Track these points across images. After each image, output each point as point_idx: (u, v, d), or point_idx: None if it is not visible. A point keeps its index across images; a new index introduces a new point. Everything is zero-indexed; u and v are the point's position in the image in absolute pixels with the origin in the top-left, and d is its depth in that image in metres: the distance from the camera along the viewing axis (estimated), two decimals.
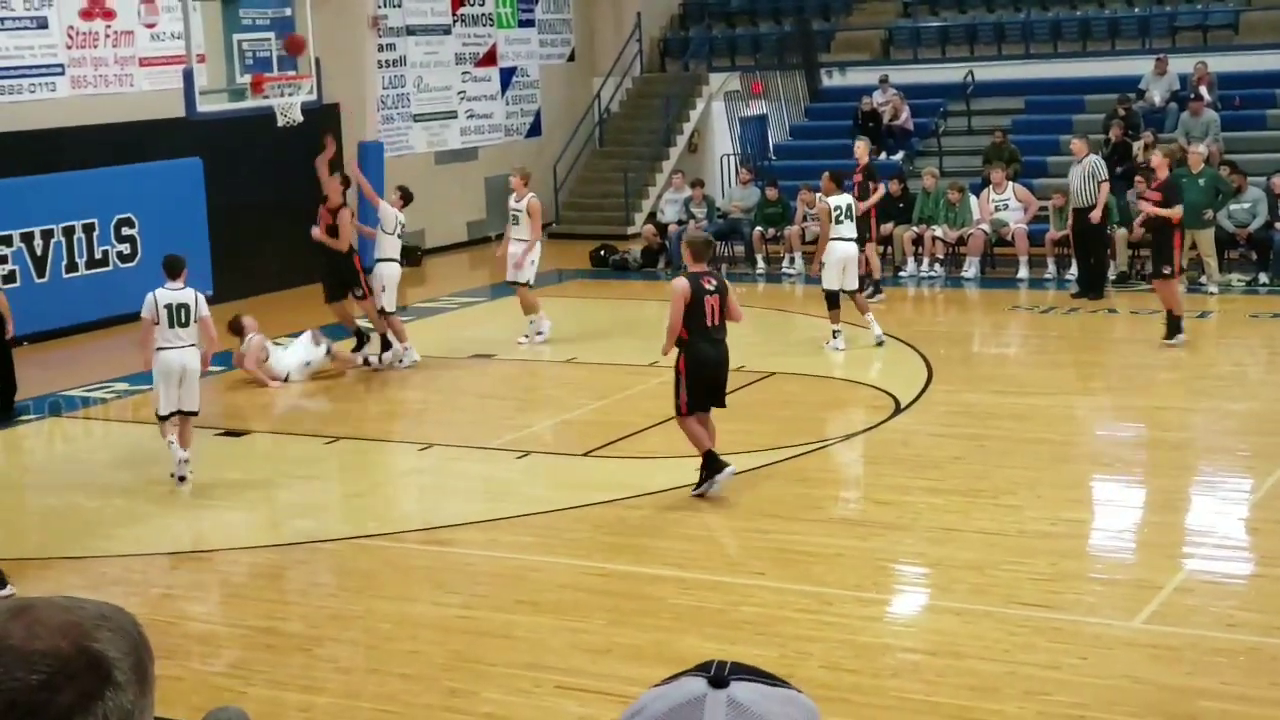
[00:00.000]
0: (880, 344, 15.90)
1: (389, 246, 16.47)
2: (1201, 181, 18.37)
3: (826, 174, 16.32)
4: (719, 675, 1.62)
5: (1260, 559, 9.60)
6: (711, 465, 10.83)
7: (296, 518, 11.22)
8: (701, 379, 10.84)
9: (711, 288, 10.80)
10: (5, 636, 1.63)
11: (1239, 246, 18.97)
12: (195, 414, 12.06)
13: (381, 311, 16.07)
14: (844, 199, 16.14)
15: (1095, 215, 17.99)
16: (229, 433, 13.71)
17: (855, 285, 16.23)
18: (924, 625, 8.76)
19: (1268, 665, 7.76)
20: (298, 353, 15.67)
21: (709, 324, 10.78)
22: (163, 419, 12.00)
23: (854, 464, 11.83)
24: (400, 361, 16.05)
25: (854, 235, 16.03)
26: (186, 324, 11.89)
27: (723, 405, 11.07)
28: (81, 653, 1.63)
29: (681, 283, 10.80)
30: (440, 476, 12.27)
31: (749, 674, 1.65)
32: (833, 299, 15.95)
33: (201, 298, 12.13)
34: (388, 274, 16.25)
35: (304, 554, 10.39)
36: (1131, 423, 13.08)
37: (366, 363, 16.08)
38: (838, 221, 15.89)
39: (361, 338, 16.39)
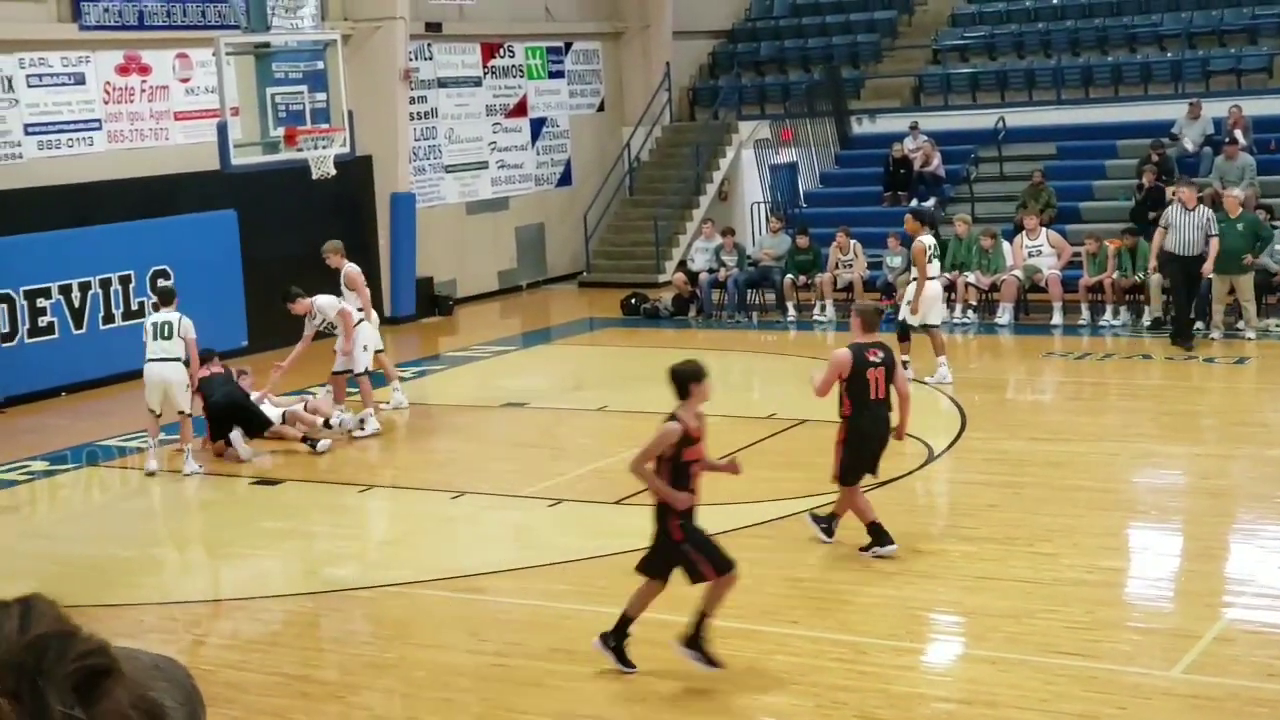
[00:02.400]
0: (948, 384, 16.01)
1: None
2: (1240, 226, 18.28)
3: (909, 215, 16.58)
4: None
5: None
6: (879, 537, 10.51)
7: (330, 566, 11.24)
8: (861, 455, 10.63)
9: (877, 360, 10.52)
10: None
11: (1277, 292, 18.85)
12: (186, 414, 13.86)
13: (353, 372, 15.50)
14: (931, 238, 16.30)
15: (1207, 269, 17.71)
16: (263, 482, 13.76)
17: (938, 321, 16.42)
18: (959, 674, 8.69)
19: None
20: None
21: (872, 397, 10.53)
22: (154, 414, 13.87)
23: (888, 512, 11.74)
24: (362, 426, 15.33)
25: (938, 274, 16.46)
26: (170, 337, 13.76)
27: (875, 474, 10.85)
28: (137, 702, 1.64)
29: (844, 354, 10.52)
30: (473, 524, 12.27)
31: None
32: (906, 331, 16.10)
33: (188, 322, 13.96)
34: (366, 333, 15.80)
35: (338, 602, 10.40)
36: (1169, 470, 12.98)
37: (328, 425, 15.42)
38: (929, 260, 16.05)
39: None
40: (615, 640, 8.64)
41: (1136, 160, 22.12)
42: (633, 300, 22.67)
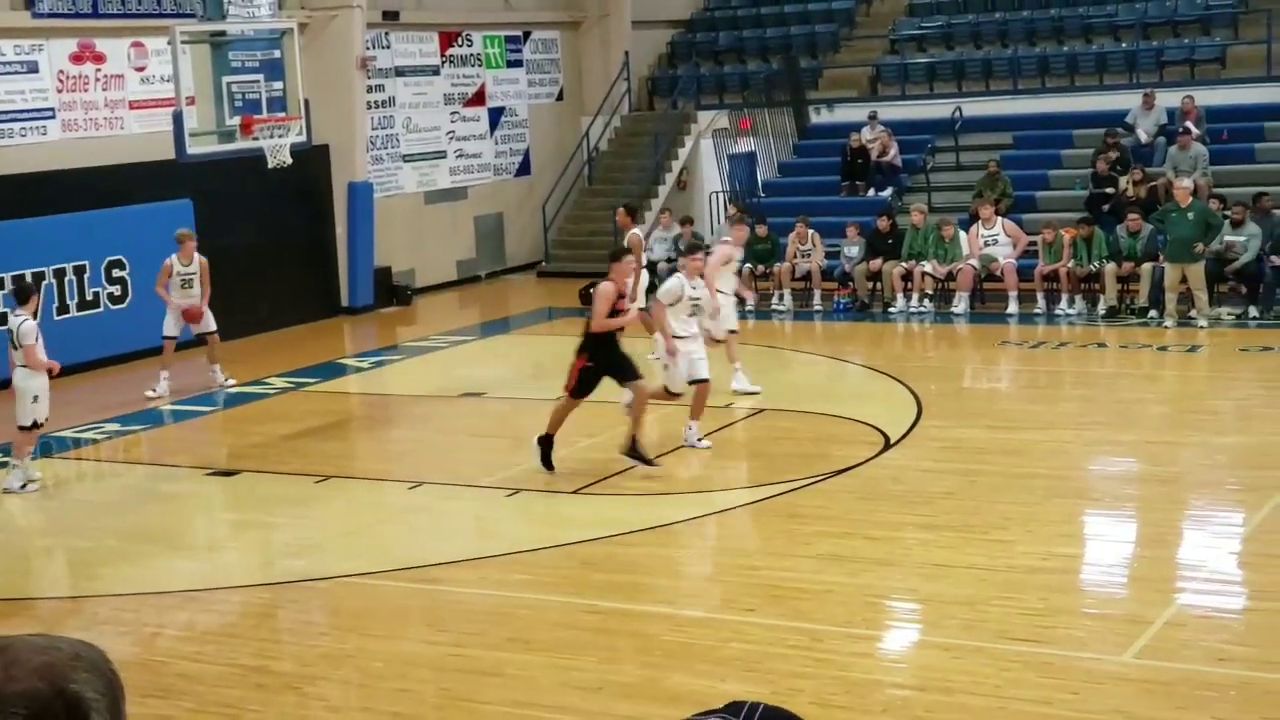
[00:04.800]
0: None
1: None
2: (1190, 215, 18.45)
3: (621, 209, 17.01)
4: (748, 715, 1.63)
5: (1251, 593, 9.60)
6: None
7: (288, 557, 11.20)
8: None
9: None
10: None
11: (1229, 280, 19.03)
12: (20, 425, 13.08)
13: None
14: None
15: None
16: (220, 472, 13.69)
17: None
18: (915, 661, 8.75)
19: (1259, 699, 7.75)
20: None
21: None
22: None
23: (844, 500, 11.82)
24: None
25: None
26: (18, 347, 13.04)
27: None
28: (59, 694, 1.64)
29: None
30: (431, 515, 12.26)
31: (777, 716, 1.65)
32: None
33: (27, 326, 13.10)
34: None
35: (295, 593, 10.37)
36: (1122, 457, 13.09)
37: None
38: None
39: None
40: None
41: (1092, 150, 22.27)
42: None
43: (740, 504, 11.74)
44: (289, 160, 17.05)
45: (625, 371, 12.85)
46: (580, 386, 12.85)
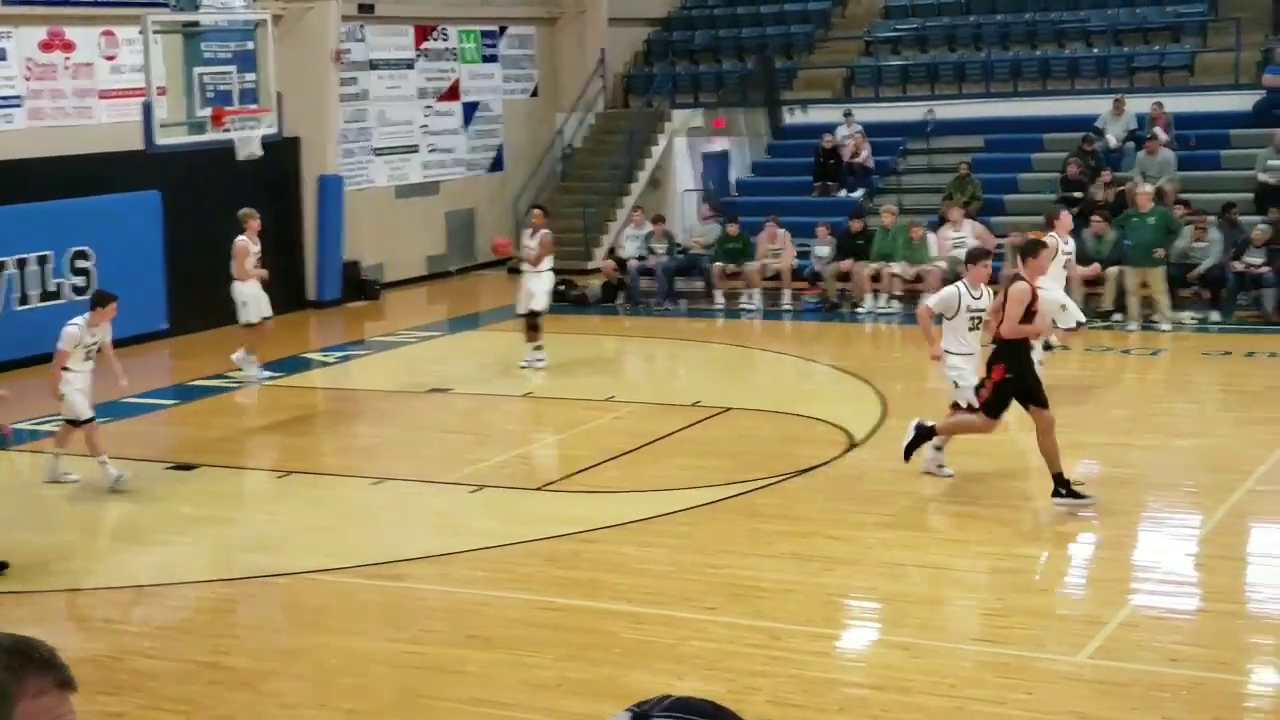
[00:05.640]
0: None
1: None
2: (1151, 220, 18.57)
3: (536, 208, 16.75)
4: (644, 711, 1.64)
5: (1205, 594, 9.67)
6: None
7: (248, 552, 11.16)
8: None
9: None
10: None
11: (1191, 285, 19.13)
12: None
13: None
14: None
15: None
16: (179, 466, 13.63)
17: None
18: (873, 660, 8.78)
19: (1210, 700, 7.80)
20: None
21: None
22: None
23: (807, 499, 11.84)
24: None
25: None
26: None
27: None
28: None
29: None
30: (393, 511, 12.23)
31: (684, 710, 1.65)
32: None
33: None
34: None
35: (255, 589, 10.34)
36: (1081, 459, 13.12)
37: None
38: None
39: None
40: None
41: (1063, 154, 22.36)
42: (561, 287, 22.57)
43: (703, 503, 11.74)
44: (259, 152, 17.00)
45: (1035, 394, 11.22)
46: (997, 402, 11.23)
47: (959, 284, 12.26)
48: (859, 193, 23.70)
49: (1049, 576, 10.17)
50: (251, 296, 16.87)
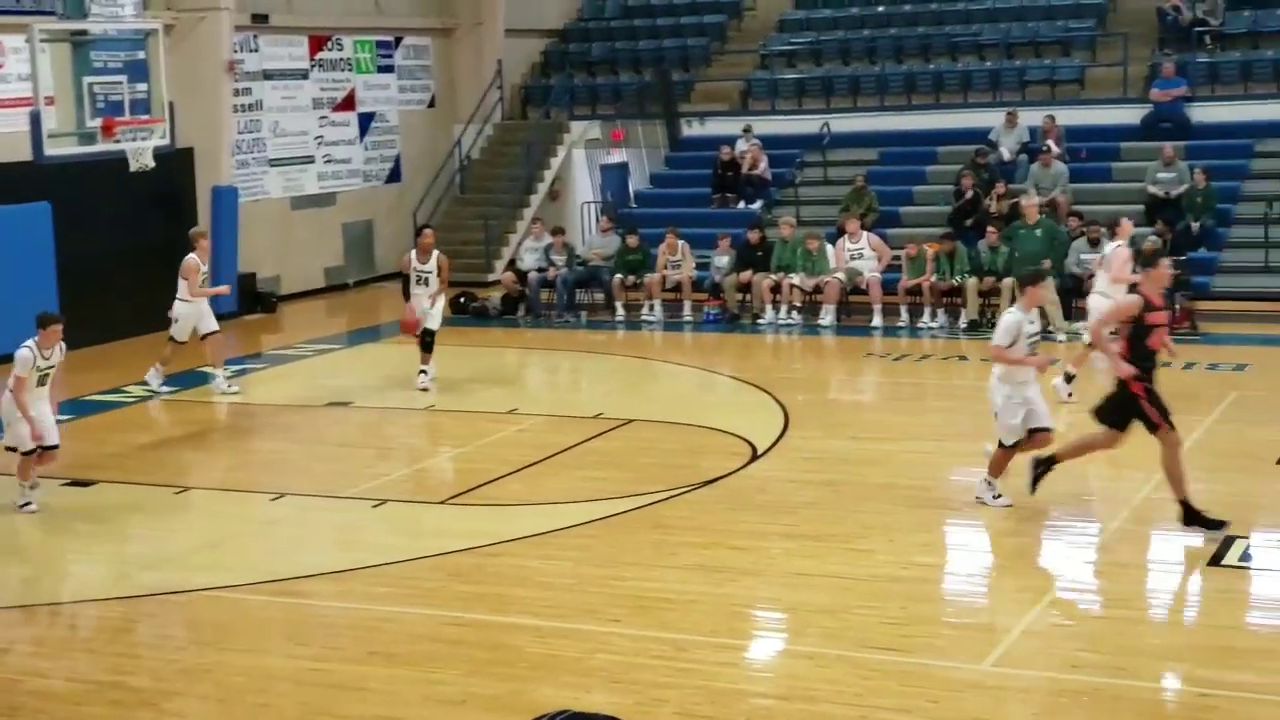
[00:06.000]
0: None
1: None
2: (1038, 232, 18.88)
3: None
4: None
5: (1104, 601, 9.83)
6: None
7: (146, 570, 10.96)
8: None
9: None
10: None
11: (1087, 295, 19.43)
12: None
13: None
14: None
15: None
16: (76, 482, 13.38)
17: None
18: (778, 670, 8.83)
19: (1109, 705, 7.93)
20: None
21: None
22: None
23: (711, 510, 11.89)
24: None
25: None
26: None
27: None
28: None
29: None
30: (294, 526, 12.09)
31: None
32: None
33: None
34: None
35: (154, 606, 10.17)
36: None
37: None
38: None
39: None
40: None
41: (957, 166, 22.68)
42: (461, 299, 22.56)
43: (607, 515, 11.74)
44: (152, 164, 16.78)
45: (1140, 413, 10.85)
46: (1161, 411, 10.71)
47: (1014, 310, 11.90)
48: (757, 204, 23.87)
49: (952, 585, 10.28)
50: (186, 314, 16.65)
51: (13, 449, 12.43)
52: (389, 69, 26.85)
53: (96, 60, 16.44)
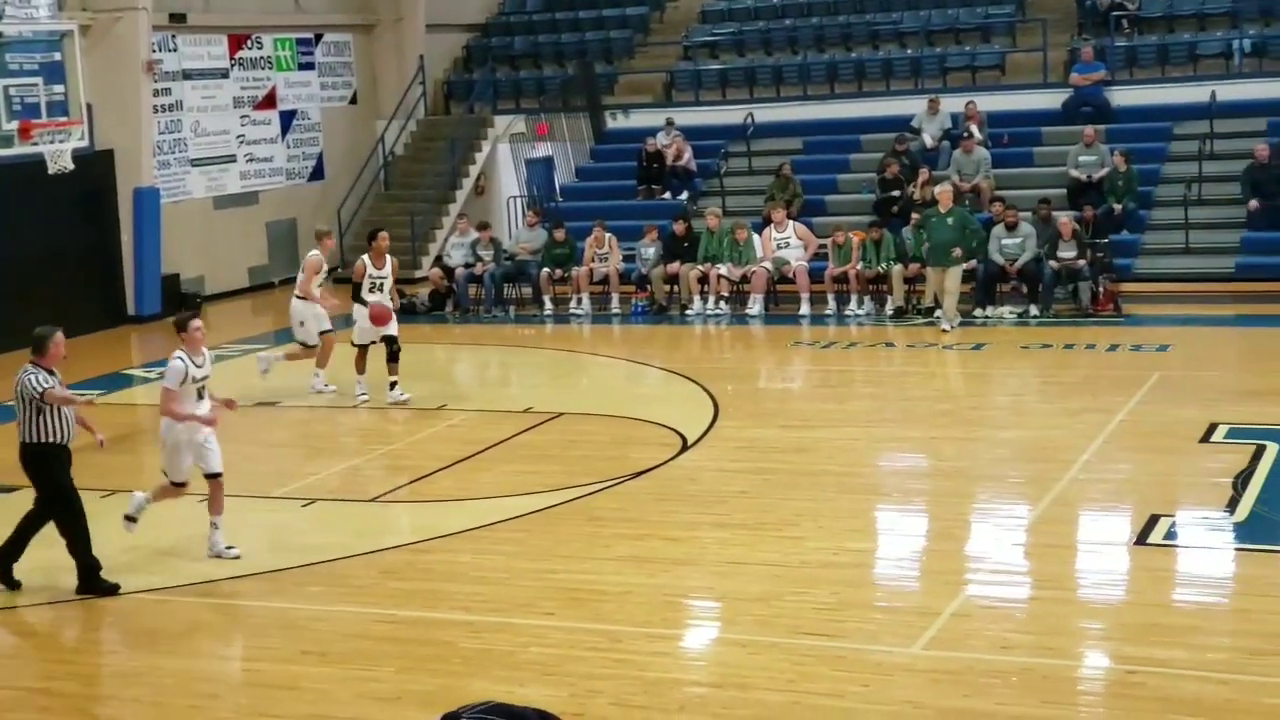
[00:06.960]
0: None
1: None
2: (950, 220, 19.04)
3: None
4: (455, 714, 1.66)
5: (1033, 583, 9.95)
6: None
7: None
8: None
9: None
10: None
11: (1010, 280, 19.68)
12: None
13: None
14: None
15: None
16: None
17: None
18: (711, 658, 8.87)
19: (1039, 685, 8.03)
20: None
21: None
22: None
23: (642, 501, 11.92)
24: None
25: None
26: None
27: None
28: None
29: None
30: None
31: (499, 714, 1.67)
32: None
33: None
34: None
35: (82, 611, 10.06)
36: (909, 453, 13.44)
37: None
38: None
39: None
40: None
41: (881, 154, 22.83)
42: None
43: (539, 508, 11.75)
44: (71, 166, 16.61)
45: None
46: None
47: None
48: (683, 195, 23.93)
49: (882, 570, 10.37)
50: (304, 314, 16.70)
51: None
52: (310, 66, 26.67)
53: (12, 62, 16.25)
